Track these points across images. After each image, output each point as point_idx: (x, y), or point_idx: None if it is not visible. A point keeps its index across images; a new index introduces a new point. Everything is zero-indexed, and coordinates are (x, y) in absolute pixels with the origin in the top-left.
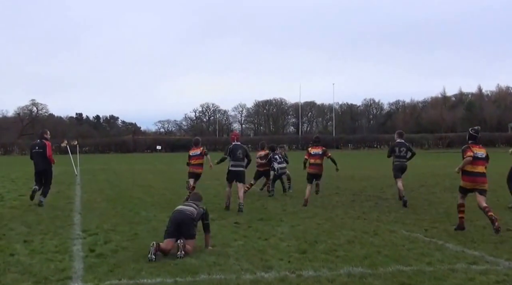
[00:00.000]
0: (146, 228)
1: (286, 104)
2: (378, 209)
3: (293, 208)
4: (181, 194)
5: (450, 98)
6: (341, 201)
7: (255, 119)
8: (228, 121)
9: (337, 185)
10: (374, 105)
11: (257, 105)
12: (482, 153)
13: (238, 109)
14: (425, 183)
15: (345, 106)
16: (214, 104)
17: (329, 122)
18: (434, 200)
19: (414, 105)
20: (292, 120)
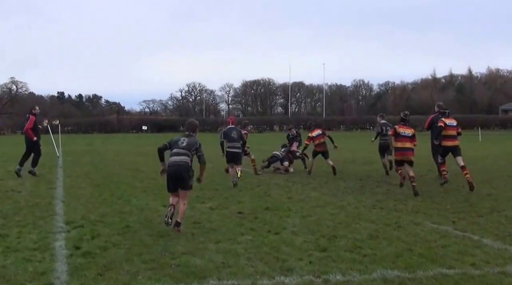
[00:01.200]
0: (139, 219)
1: (274, 84)
2: (393, 197)
3: (299, 196)
4: None
5: (440, 79)
6: (349, 187)
7: (243, 99)
8: (215, 101)
9: (340, 169)
10: (364, 86)
11: (244, 85)
12: (408, 132)
13: (225, 89)
14: (432, 167)
15: (334, 87)
16: (201, 83)
17: (318, 103)
18: (448, 186)
19: (404, 87)
20: (280, 100)
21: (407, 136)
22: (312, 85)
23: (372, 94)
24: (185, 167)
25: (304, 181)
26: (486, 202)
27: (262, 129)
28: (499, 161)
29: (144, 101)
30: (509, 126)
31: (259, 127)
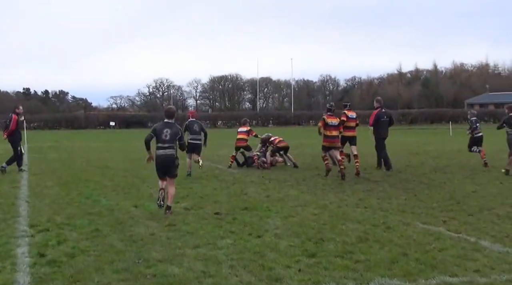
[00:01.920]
0: (109, 221)
1: (242, 79)
2: (375, 195)
3: (277, 194)
4: (145, 177)
5: (406, 74)
6: (328, 184)
7: (210, 95)
8: (182, 97)
9: (316, 166)
10: (331, 81)
11: (212, 80)
12: (335, 122)
13: (193, 85)
14: (409, 162)
15: (301, 82)
16: (168, 79)
17: (285, 98)
18: (430, 183)
19: (370, 82)
20: (248, 96)
21: (334, 125)
22: (279, 81)
23: (339, 89)
24: (171, 159)
25: (280, 178)
26: (473, 200)
27: (231, 125)
28: (476, 156)
29: (111, 97)
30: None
31: (228, 123)
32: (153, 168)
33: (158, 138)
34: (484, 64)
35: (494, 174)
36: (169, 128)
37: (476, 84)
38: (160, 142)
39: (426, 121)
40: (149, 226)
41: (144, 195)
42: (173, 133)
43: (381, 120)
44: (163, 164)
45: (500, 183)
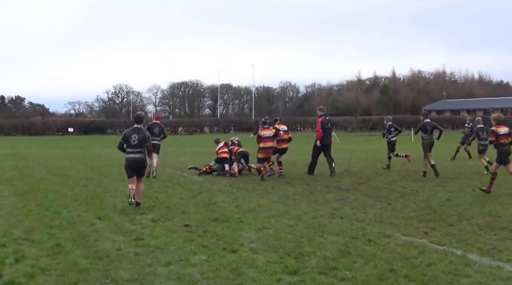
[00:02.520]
0: (71, 235)
1: (202, 86)
2: (349, 204)
3: (247, 204)
4: (107, 186)
5: (365, 81)
6: (299, 193)
7: (170, 101)
8: (142, 103)
9: (284, 173)
10: (291, 88)
11: (172, 86)
12: (270, 133)
13: (152, 91)
14: (377, 169)
15: (262, 89)
16: (128, 85)
17: (245, 105)
18: (402, 190)
19: (330, 88)
20: (208, 102)
21: (269, 137)
22: (240, 87)
23: (299, 96)
24: (141, 161)
25: (248, 186)
26: (449, 208)
27: (192, 131)
28: (442, 162)
29: (69, 103)
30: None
31: (189, 129)
32: (115, 176)
33: (127, 143)
34: (441, 71)
35: (464, 181)
36: (137, 133)
37: (434, 91)
38: (130, 147)
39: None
40: (115, 241)
41: (107, 206)
42: (141, 138)
43: (325, 127)
44: (133, 166)
45: (472, 190)
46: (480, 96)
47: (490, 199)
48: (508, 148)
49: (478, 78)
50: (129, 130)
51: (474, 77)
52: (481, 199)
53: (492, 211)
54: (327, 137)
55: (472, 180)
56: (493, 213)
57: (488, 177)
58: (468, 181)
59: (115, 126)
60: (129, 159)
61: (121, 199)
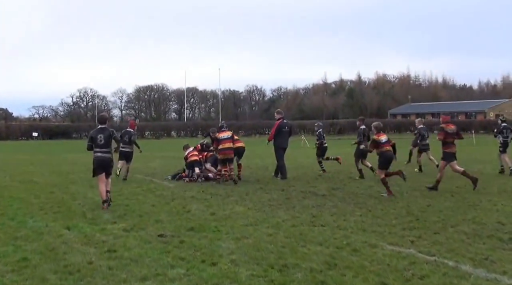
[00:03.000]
0: (39, 248)
1: (168, 89)
2: (328, 211)
3: (222, 211)
4: (75, 193)
5: (331, 84)
6: (274, 199)
7: (136, 105)
8: (107, 107)
9: (256, 178)
10: (257, 92)
11: (138, 90)
12: (228, 135)
13: (118, 95)
14: (351, 174)
15: (228, 92)
16: (93, 89)
17: (212, 109)
18: (380, 196)
19: (296, 92)
20: (174, 106)
21: (228, 138)
22: (206, 91)
23: (265, 99)
24: (108, 160)
25: (221, 192)
26: (431, 215)
27: (159, 135)
28: (415, 167)
29: (33, 107)
30: (403, 129)
31: (156, 133)
32: (82, 182)
33: (94, 143)
34: (406, 75)
35: (442, 186)
36: (102, 133)
37: (399, 95)
38: (97, 147)
39: (354, 131)
40: (86, 253)
41: (76, 214)
42: (106, 137)
43: (283, 130)
44: (101, 165)
45: (451, 195)
46: (444, 99)
47: (471, 205)
48: (391, 154)
49: (442, 82)
50: (94, 131)
51: (438, 81)
52: (462, 205)
53: (476, 218)
54: (285, 141)
55: (449, 184)
56: (477, 220)
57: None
58: (444, 185)
59: (81, 130)
60: (96, 158)
61: (90, 207)
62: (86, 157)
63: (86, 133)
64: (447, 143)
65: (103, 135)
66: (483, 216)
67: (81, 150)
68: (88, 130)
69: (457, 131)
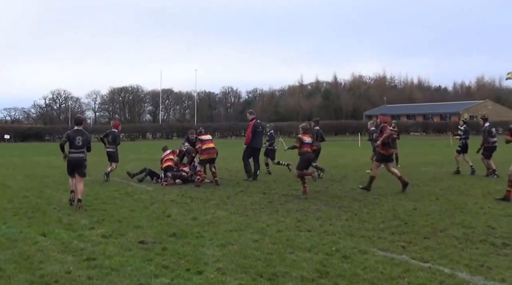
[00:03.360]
0: (12, 256)
1: (143, 91)
2: (312, 214)
3: (204, 216)
4: (50, 197)
5: (307, 86)
6: (256, 203)
7: (110, 106)
8: (81, 109)
9: (236, 181)
10: (232, 93)
11: (112, 92)
12: (209, 137)
13: (91, 96)
14: (332, 176)
15: (203, 94)
16: (66, 90)
17: (187, 110)
18: (364, 199)
19: (272, 93)
20: (149, 108)
21: (210, 139)
22: (181, 92)
23: (240, 101)
24: (81, 161)
25: (202, 196)
26: (419, 219)
27: (134, 137)
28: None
29: (5, 109)
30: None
31: (131, 135)
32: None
33: (71, 144)
34: (381, 76)
35: (423, 188)
36: (81, 135)
37: (374, 96)
38: (74, 148)
39: (330, 132)
40: (63, 262)
41: (52, 220)
42: (84, 140)
43: (258, 130)
44: (74, 164)
45: (436, 198)
46: (420, 101)
47: (458, 208)
48: (311, 156)
49: (418, 83)
50: (72, 132)
51: (413, 82)
52: (448, 208)
53: (465, 222)
54: (259, 141)
55: (432, 187)
56: (466, 223)
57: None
58: (427, 187)
59: (54, 132)
60: (71, 158)
61: (66, 212)
62: (60, 160)
63: (60, 135)
64: (385, 144)
65: (81, 138)
66: (471, 219)
67: (55, 152)
68: (61, 133)
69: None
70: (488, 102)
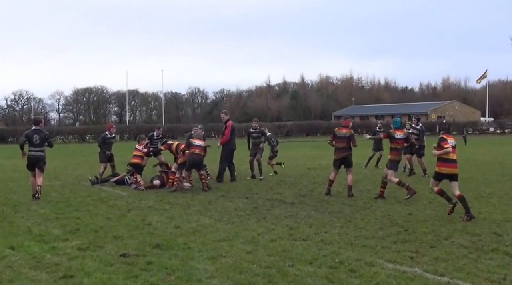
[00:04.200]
0: None
1: (108, 92)
2: (303, 221)
3: (188, 224)
4: (16, 204)
5: (274, 87)
6: (240, 208)
7: (74, 108)
8: (44, 110)
9: (215, 186)
10: (199, 94)
11: (76, 93)
12: (200, 143)
13: (55, 97)
14: (314, 179)
15: (170, 95)
16: (28, 91)
17: (153, 111)
18: (354, 203)
19: (239, 94)
20: (115, 109)
21: (199, 146)
22: (147, 93)
23: (207, 102)
24: (40, 157)
25: (182, 201)
26: (418, 225)
27: None
28: (378, 171)
29: None
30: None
31: (98, 137)
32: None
33: (30, 142)
34: (349, 77)
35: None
36: (38, 134)
37: (342, 97)
38: (32, 146)
39: (301, 133)
40: (36, 280)
41: (20, 230)
42: (42, 138)
43: (234, 132)
44: (33, 160)
45: (429, 202)
46: (387, 101)
47: (455, 213)
48: (198, 158)
49: (385, 84)
50: (30, 132)
51: (380, 83)
52: (445, 213)
53: (467, 228)
54: (234, 142)
55: (421, 190)
56: (470, 230)
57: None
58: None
59: (17, 134)
60: (30, 155)
61: (35, 221)
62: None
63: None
64: (336, 149)
65: (38, 136)
66: (473, 225)
67: (19, 155)
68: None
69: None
70: (456, 103)
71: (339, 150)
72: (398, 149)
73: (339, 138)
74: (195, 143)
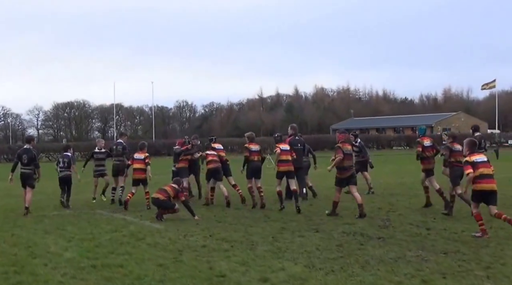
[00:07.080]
0: None
1: (90, 106)
2: (428, 268)
3: (271, 272)
4: (32, 245)
5: (267, 99)
6: (324, 247)
7: (55, 123)
8: (22, 126)
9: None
10: (187, 108)
11: (56, 107)
12: (257, 148)
13: (33, 113)
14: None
15: (156, 108)
16: (4, 106)
17: (139, 126)
18: (459, 239)
19: (230, 107)
20: (97, 124)
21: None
22: (132, 107)
23: (196, 116)
24: (30, 175)
25: (236, 237)
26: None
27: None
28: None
29: None
30: None
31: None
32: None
33: (20, 161)
34: (345, 88)
35: None
36: (26, 154)
37: (340, 109)
38: (22, 165)
39: None
40: None
41: None
42: (29, 158)
43: (294, 148)
44: (23, 178)
45: None
46: (386, 113)
47: None
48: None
49: (383, 95)
50: (21, 151)
51: (378, 94)
52: None
53: None
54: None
55: None
56: None
57: None
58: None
59: None
60: (21, 173)
61: (66, 272)
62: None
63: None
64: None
65: (27, 156)
66: None
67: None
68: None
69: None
70: (461, 114)
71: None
72: (428, 158)
73: (346, 155)
74: (252, 149)
